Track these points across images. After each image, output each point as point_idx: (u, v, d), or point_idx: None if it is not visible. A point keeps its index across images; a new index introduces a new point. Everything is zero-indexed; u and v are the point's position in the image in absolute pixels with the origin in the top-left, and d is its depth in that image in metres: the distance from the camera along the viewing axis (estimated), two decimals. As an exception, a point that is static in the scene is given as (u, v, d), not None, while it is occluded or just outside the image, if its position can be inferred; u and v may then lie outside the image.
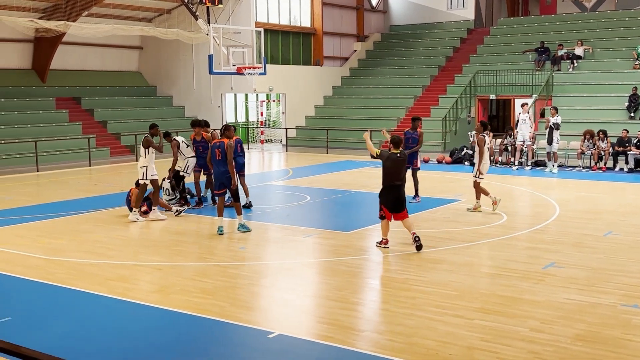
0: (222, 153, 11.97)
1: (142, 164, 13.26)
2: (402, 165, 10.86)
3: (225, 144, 12.00)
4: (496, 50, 32.40)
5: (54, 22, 22.44)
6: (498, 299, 8.13)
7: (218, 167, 12.06)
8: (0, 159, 22.68)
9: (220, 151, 11.99)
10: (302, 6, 34.25)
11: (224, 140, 12.08)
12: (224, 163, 11.97)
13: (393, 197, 10.67)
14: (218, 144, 12.09)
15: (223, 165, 11.98)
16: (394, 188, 10.69)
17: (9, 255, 10.53)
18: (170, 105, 31.47)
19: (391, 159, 10.74)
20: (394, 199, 10.66)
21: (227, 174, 12.01)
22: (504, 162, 22.20)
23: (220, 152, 11.99)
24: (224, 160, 11.96)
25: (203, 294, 8.45)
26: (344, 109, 32.52)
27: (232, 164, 12.02)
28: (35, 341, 6.72)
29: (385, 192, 10.75)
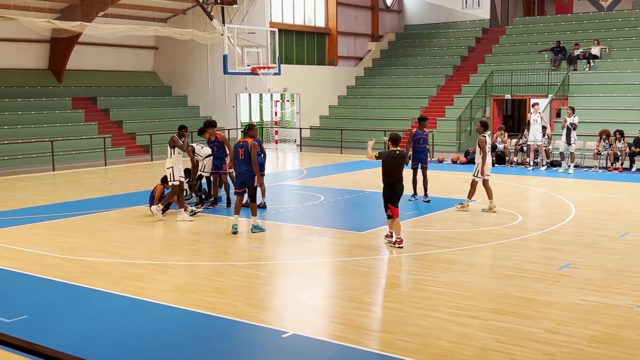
0: (246, 152, 12.01)
1: (169, 165, 13.21)
2: (402, 162, 11.04)
3: (249, 143, 12.05)
4: (512, 49, 32.23)
5: (70, 23, 22.61)
6: (513, 299, 8.08)
7: (240, 167, 12.10)
8: (17, 158, 22.87)
9: (243, 150, 12.03)
10: (316, 6, 34.25)
11: (247, 140, 12.13)
12: (246, 162, 12.02)
13: (397, 193, 10.92)
14: (241, 143, 12.13)
15: (245, 164, 12.02)
16: (397, 184, 10.91)
17: (26, 254, 10.62)
18: (185, 105, 31.59)
19: (391, 157, 10.94)
20: (397, 195, 10.93)
21: (248, 173, 12.05)
22: (519, 163, 22.08)
23: (244, 152, 12.02)
24: (246, 159, 12.01)
25: (217, 293, 8.47)
26: (358, 109, 32.49)
27: (256, 163, 12.08)
28: (50, 339, 6.77)
29: (389, 189, 10.93)
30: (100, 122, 27.16)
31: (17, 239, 11.68)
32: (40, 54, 27.70)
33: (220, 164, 14.50)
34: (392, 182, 10.89)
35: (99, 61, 29.83)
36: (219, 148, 14.43)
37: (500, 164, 22.18)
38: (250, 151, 11.98)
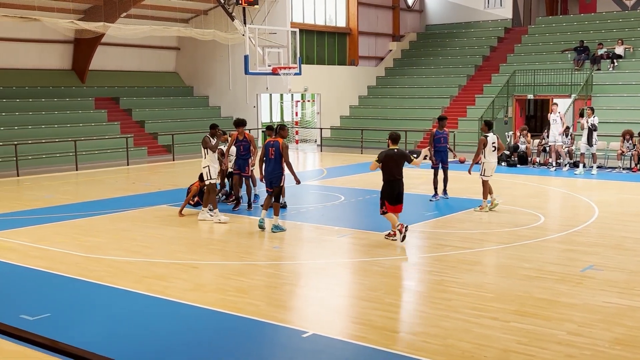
0: (276, 152, 12.04)
1: (204, 164, 13.15)
2: (401, 161, 11.12)
3: (280, 143, 12.10)
4: (534, 49, 31.97)
5: (93, 23, 22.83)
6: (535, 301, 8.02)
7: (269, 166, 12.16)
8: (41, 157, 23.13)
9: (274, 150, 12.06)
10: (337, 6, 34.24)
11: (279, 140, 12.16)
12: (276, 162, 12.05)
13: (395, 191, 11.09)
14: (272, 142, 12.17)
15: (275, 164, 12.06)
16: (396, 182, 11.07)
17: (49, 253, 10.74)
18: (206, 105, 31.75)
19: (389, 155, 11.12)
20: (396, 193, 11.10)
21: (276, 173, 12.07)
22: (541, 163, 21.90)
23: (274, 151, 12.06)
24: (276, 159, 12.04)
25: (238, 292, 8.50)
26: (379, 109, 32.44)
27: (289, 163, 12.14)
28: (73, 337, 6.84)
29: (387, 187, 11.13)
30: (122, 122, 27.39)
31: (41, 238, 11.81)
32: (63, 54, 28.00)
33: (244, 165, 14.27)
34: (390, 180, 11.12)
35: (122, 61, 30.08)
36: (246, 149, 14.26)
37: (523, 164, 22.02)
38: (282, 151, 12.03)
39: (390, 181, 11.11)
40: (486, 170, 14.11)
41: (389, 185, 11.14)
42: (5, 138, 22.90)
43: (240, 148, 14.25)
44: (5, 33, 25.11)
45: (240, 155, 14.29)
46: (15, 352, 6.47)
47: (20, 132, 23.76)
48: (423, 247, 11.30)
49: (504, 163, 22.09)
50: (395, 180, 11.10)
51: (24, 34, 25.77)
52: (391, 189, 11.12)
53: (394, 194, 11.12)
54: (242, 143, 14.23)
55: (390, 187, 11.13)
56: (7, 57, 26.04)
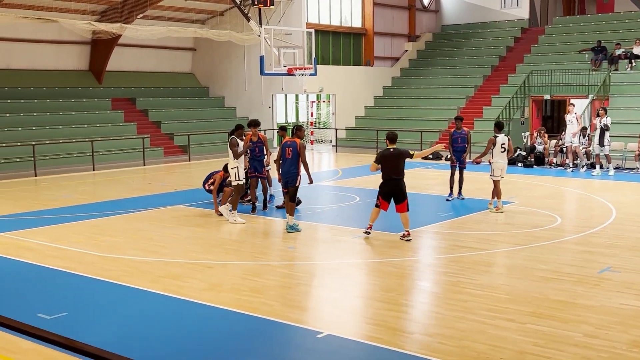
0: (294, 152, 12.12)
1: (233, 165, 13.12)
2: (397, 160, 11.24)
3: (297, 143, 12.18)
4: (551, 49, 31.76)
5: (110, 25, 22.99)
6: (551, 303, 7.97)
7: (285, 166, 12.24)
8: (59, 158, 23.31)
9: (291, 150, 12.14)
10: (353, 7, 34.23)
11: (296, 140, 12.24)
12: (292, 162, 12.12)
13: (390, 189, 11.25)
14: (289, 142, 12.26)
15: (292, 164, 12.14)
16: (391, 181, 11.23)
17: (66, 252, 10.82)
18: (222, 106, 31.85)
19: (385, 155, 11.31)
20: (391, 191, 11.23)
21: (292, 173, 12.14)
22: (558, 164, 21.76)
23: (292, 151, 12.13)
24: (293, 159, 12.11)
25: (253, 292, 8.52)
26: (395, 109, 32.38)
27: (306, 163, 12.21)
28: (90, 336, 6.88)
29: (384, 186, 11.32)
30: (139, 123, 27.55)
31: (59, 238, 11.91)
32: (81, 55, 28.21)
33: (260, 166, 14.17)
34: (386, 179, 11.28)
35: (138, 62, 30.25)
36: (261, 150, 14.19)
37: (539, 165, 21.89)
38: (300, 151, 12.11)
39: (387, 180, 11.31)
40: (494, 171, 14.16)
41: (385, 184, 11.35)
42: (24, 138, 23.11)
43: (255, 149, 14.16)
44: (23, 34, 25.34)
45: (255, 156, 14.20)
46: (33, 351, 6.53)
47: (38, 132, 23.97)
48: (438, 248, 11.27)
49: (520, 164, 21.98)
50: (391, 180, 11.25)
51: (41, 35, 26.00)
52: (387, 188, 11.32)
53: (388, 192, 11.30)
54: (257, 144, 14.13)
55: (385, 186, 11.33)
56: (25, 58, 26.29)
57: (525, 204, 14.80)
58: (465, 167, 15.66)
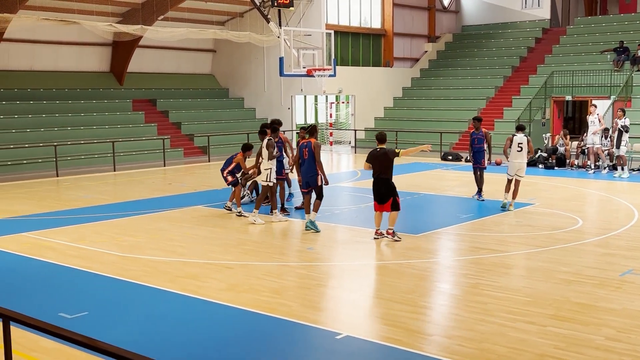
0: (309, 152, 12.24)
1: (267, 167, 13.14)
2: (383, 160, 11.36)
3: (312, 143, 12.31)
4: (573, 50, 31.48)
5: (131, 26, 23.16)
6: (572, 305, 7.89)
7: (304, 167, 12.37)
8: (80, 158, 23.52)
9: (307, 150, 12.27)
10: (372, 7, 34.18)
11: (312, 140, 12.37)
12: (309, 162, 12.25)
13: (377, 189, 11.40)
14: (305, 143, 12.37)
15: (309, 164, 12.26)
16: (379, 181, 11.36)
17: (87, 252, 10.92)
18: (241, 107, 31.96)
19: (372, 155, 11.51)
20: (378, 191, 11.35)
21: (312, 173, 12.25)
22: (580, 166, 21.56)
23: (308, 152, 12.26)
24: (310, 159, 12.22)
25: (272, 293, 8.53)
26: (414, 110, 32.27)
27: (320, 163, 12.28)
28: (110, 335, 6.92)
29: (373, 185, 11.51)
30: (159, 124, 27.72)
31: (80, 237, 12.01)
32: (102, 57, 28.45)
33: (280, 167, 13.91)
34: (374, 179, 11.48)
35: (159, 64, 30.45)
36: (280, 150, 14.02)
37: (561, 166, 21.71)
38: (314, 150, 12.20)
39: (374, 179, 11.49)
40: (509, 169, 14.52)
41: (374, 183, 11.54)
42: (45, 139, 23.35)
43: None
44: (45, 36, 25.62)
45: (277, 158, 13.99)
46: (54, 350, 6.59)
47: (60, 133, 24.20)
48: (458, 249, 11.21)
49: (541, 165, 21.81)
50: (378, 179, 11.41)
51: (63, 37, 26.25)
52: (375, 187, 11.49)
53: (376, 191, 11.44)
54: (277, 145, 13.97)
55: (374, 186, 11.51)
56: (47, 59, 26.57)
57: (546, 205, 14.68)
58: (484, 168, 15.63)
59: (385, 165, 11.35)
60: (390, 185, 11.37)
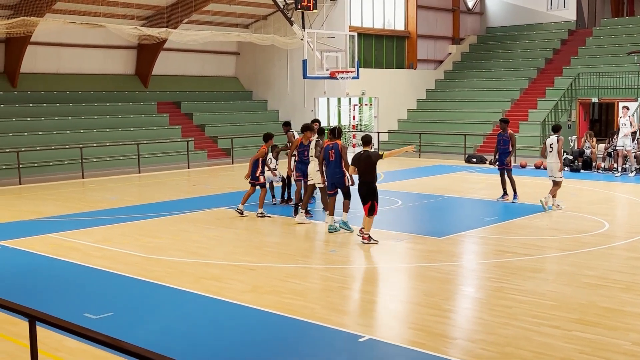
0: (336, 154, 12.28)
1: (318, 168, 13.20)
2: (367, 162, 11.33)
3: (339, 145, 12.35)
4: (599, 51, 31.13)
5: (156, 29, 23.36)
6: (598, 310, 7.79)
7: (330, 168, 12.40)
8: (105, 160, 23.76)
9: (334, 152, 12.30)
10: (396, 9, 34.10)
11: (338, 142, 12.40)
12: (336, 164, 12.28)
13: (359, 192, 11.45)
14: (331, 145, 12.40)
15: (336, 166, 12.30)
16: (361, 184, 11.41)
17: (112, 253, 11.01)
18: (265, 109, 32.05)
19: (356, 157, 11.48)
20: (360, 193, 11.43)
21: (338, 174, 12.30)
22: (606, 168, 21.29)
23: (334, 153, 12.29)
24: (337, 160, 12.27)
25: (294, 295, 8.53)
26: (438, 112, 32.13)
27: (347, 164, 12.28)
28: (134, 336, 6.98)
29: (358, 188, 11.57)
30: (183, 126, 27.90)
31: (105, 238, 12.13)
32: (127, 59, 28.72)
33: (306, 169, 13.84)
34: (359, 181, 11.50)
35: (183, 66, 30.66)
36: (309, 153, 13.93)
37: (587, 169, 21.45)
38: (341, 152, 12.26)
39: (359, 182, 11.53)
40: (547, 170, 14.79)
41: (358, 186, 11.57)
42: (71, 141, 23.63)
43: (304, 153, 13.92)
44: (72, 39, 25.92)
45: (303, 160, 13.93)
46: (79, 350, 6.65)
47: (86, 135, 24.47)
48: (482, 253, 11.12)
49: (567, 168, 21.56)
50: (361, 182, 11.42)
51: (89, 40, 26.55)
52: (358, 190, 11.53)
53: (360, 194, 11.46)
54: (306, 148, 13.89)
55: (358, 188, 11.56)
56: (73, 62, 26.88)
57: (572, 208, 14.52)
58: (510, 170, 15.55)
59: (368, 169, 11.35)
60: (371, 189, 11.35)
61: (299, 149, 13.97)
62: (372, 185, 11.34)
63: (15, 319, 7.29)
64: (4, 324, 7.47)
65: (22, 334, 6.89)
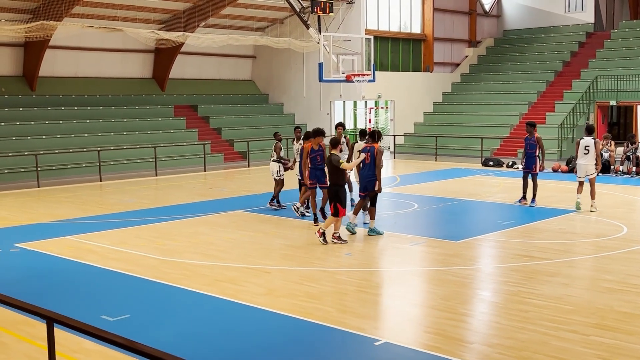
0: (372, 157, 12.31)
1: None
2: (330, 166, 11.75)
3: (375, 148, 12.35)
4: (617, 54, 30.87)
5: (173, 33, 23.50)
6: (617, 315, 7.71)
7: (364, 171, 12.45)
8: (122, 163, 23.91)
9: (370, 155, 12.34)
10: (412, 12, 34.05)
11: (375, 145, 12.42)
12: (370, 167, 12.33)
13: (329, 191, 11.77)
14: (368, 148, 12.44)
15: (370, 168, 12.34)
16: (330, 185, 11.86)
17: (129, 255, 11.07)
18: (281, 112, 32.11)
19: (328, 159, 11.91)
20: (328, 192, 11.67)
21: (371, 178, 12.32)
22: (624, 172, 21.09)
23: (370, 156, 12.33)
24: (372, 164, 12.31)
25: (309, 298, 8.53)
26: (454, 115, 32.01)
27: (379, 168, 12.36)
28: (150, 338, 7.01)
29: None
30: (200, 129, 28.03)
31: (121, 241, 12.20)
32: (144, 63, 28.90)
33: (322, 176, 13.45)
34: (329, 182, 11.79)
35: (200, 70, 30.81)
36: (322, 158, 13.55)
37: (605, 173, 21.27)
38: (376, 156, 12.28)
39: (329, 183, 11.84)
40: (577, 171, 14.82)
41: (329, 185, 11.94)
42: (89, 144, 23.81)
43: (316, 158, 13.52)
44: (90, 43, 26.13)
45: (317, 165, 13.51)
46: (97, 352, 6.69)
47: (103, 138, 24.65)
48: (499, 256, 11.06)
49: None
50: (330, 183, 11.71)
51: (107, 44, 26.75)
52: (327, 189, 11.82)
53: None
54: (318, 153, 13.51)
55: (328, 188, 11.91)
56: (91, 66, 27.10)
57: (590, 212, 14.39)
58: (536, 174, 15.31)
59: (333, 171, 11.65)
60: (331, 191, 11.71)
61: (311, 155, 13.55)
62: (336, 188, 11.58)
63: (33, 321, 7.36)
64: (22, 325, 7.53)
65: (40, 336, 6.95)
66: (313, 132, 13.58)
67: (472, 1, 36.42)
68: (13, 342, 7.17)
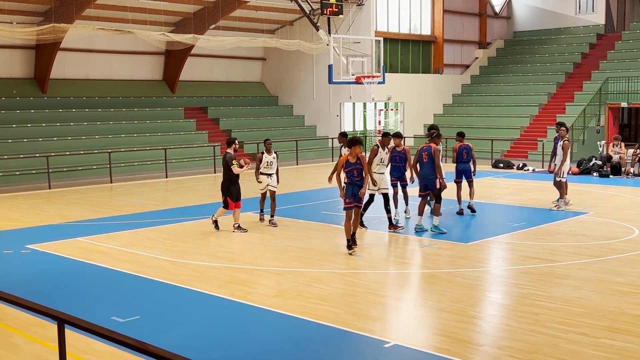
0: (429, 156, 12.72)
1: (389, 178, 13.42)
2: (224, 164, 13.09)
3: (433, 148, 12.83)
4: (628, 55, 30.72)
5: (184, 35, 23.59)
6: (627, 317, 7.67)
7: (423, 170, 12.85)
8: (133, 165, 24.00)
9: (427, 155, 12.77)
10: (422, 14, 34.01)
11: (431, 145, 12.92)
12: (428, 166, 12.69)
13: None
14: (425, 147, 12.96)
15: (428, 167, 12.71)
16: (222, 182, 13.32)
17: (138, 257, 11.12)
18: (290, 114, 32.14)
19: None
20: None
21: (431, 176, 12.66)
22: (635, 174, 20.98)
23: (427, 156, 12.75)
24: (429, 163, 12.69)
25: (319, 300, 8.53)
26: (464, 117, 31.95)
27: (439, 167, 12.68)
28: (160, 339, 7.03)
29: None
30: (210, 131, 28.10)
31: (132, 242, 12.25)
32: (155, 65, 29.01)
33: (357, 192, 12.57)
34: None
35: (210, 72, 30.89)
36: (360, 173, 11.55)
37: (616, 175, 21.17)
38: (434, 155, 12.67)
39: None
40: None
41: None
42: (100, 146, 23.92)
43: (352, 172, 11.10)
44: (100, 45, 26.26)
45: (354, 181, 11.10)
46: (107, 353, 6.72)
47: (114, 140, 24.76)
48: (509, 258, 11.02)
49: (595, 174, 21.30)
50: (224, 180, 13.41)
51: (118, 46, 26.88)
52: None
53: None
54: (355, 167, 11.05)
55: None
56: (102, 68, 27.23)
57: (600, 214, 14.33)
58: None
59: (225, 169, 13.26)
60: (222, 186, 13.28)
61: (346, 169, 11.16)
62: (223, 183, 13.25)
63: (44, 322, 7.40)
64: (33, 326, 7.58)
65: (51, 337, 6.99)
66: (349, 142, 11.17)
67: (482, 2, 36.35)
68: (24, 343, 7.21)
